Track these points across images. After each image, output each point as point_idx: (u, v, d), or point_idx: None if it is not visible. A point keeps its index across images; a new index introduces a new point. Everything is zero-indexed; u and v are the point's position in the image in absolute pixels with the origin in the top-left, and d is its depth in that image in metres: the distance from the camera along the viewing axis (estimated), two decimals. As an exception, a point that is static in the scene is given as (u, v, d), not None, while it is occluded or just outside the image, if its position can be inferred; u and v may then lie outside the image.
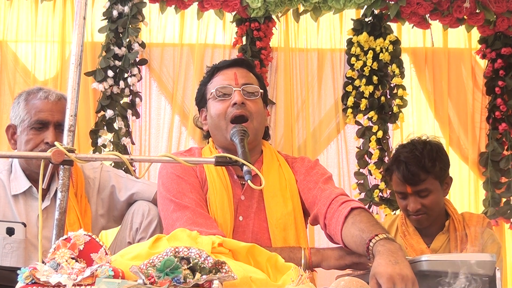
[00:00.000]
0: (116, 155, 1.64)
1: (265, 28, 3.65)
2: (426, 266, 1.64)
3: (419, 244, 2.39)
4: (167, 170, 2.10)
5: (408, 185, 2.39)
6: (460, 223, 2.45)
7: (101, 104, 3.51)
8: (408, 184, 2.39)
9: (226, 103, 2.08)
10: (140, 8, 3.56)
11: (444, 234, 2.45)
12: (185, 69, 3.70)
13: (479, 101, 3.80)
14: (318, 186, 2.05)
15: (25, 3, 3.71)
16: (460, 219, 2.46)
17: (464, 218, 2.48)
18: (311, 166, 2.16)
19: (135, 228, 2.20)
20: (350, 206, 1.87)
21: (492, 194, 3.62)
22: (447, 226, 2.45)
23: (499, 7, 3.58)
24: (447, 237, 2.44)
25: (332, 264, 1.98)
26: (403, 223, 2.46)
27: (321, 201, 1.99)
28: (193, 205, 1.99)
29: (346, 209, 1.86)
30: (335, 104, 3.74)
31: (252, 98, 2.10)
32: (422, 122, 3.84)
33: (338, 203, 1.92)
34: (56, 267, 1.31)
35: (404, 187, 2.40)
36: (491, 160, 3.65)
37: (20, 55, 3.72)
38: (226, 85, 2.10)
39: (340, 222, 1.86)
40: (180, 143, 3.65)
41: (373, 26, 3.67)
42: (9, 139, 2.23)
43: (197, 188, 2.05)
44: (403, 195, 2.42)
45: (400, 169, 2.39)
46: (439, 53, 3.83)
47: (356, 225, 1.80)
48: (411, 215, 2.42)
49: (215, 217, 2.00)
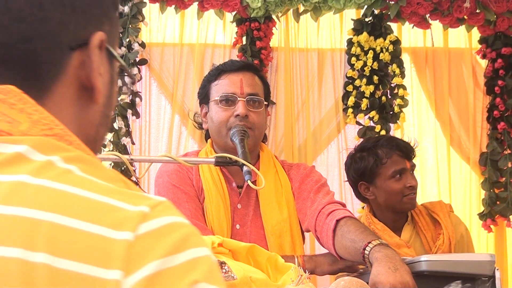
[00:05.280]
0: (116, 155, 1.64)
1: (265, 28, 3.65)
2: (425, 267, 1.64)
3: (392, 238, 2.40)
4: (163, 179, 2.10)
5: (407, 160, 2.42)
6: (422, 211, 2.49)
7: (101, 104, 3.51)
8: (407, 158, 2.43)
9: (229, 111, 2.07)
10: (140, 8, 3.55)
11: (409, 225, 2.48)
12: (185, 69, 3.70)
13: (480, 100, 3.80)
14: (309, 197, 2.06)
15: (25, 3, 3.71)
16: (420, 208, 2.51)
17: (426, 206, 2.53)
18: (306, 173, 2.15)
19: None
20: (335, 218, 1.87)
21: (490, 194, 3.62)
22: (410, 216, 2.48)
23: (499, 7, 3.58)
24: (413, 227, 2.47)
25: (325, 270, 1.99)
26: (370, 222, 2.46)
27: (309, 214, 2.00)
28: (189, 216, 1.98)
29: (332, 222, 1.87)
30: (336, 104, 3.74)
31: (255, 110, 2.09)
32: (423, 121, 3.83)
33: (324, 216, 1.93)
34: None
35: (404, 163, 2.41)
36: (491, 160, 3.65)
37: (20, 55, 3.72)
38: (231, 93, 2.08)
39: (330, 237, 1.87)
40: (180, 143, 3.64)
41: (373, 26, 3.66)
42: None
43: (193, 197, 2.05)
44: (401, 172, 2.41)
45: (398, 145, 2.43)
46: (439, 53, 3.83)
47: (346, 236, 1.81)
48: (408, 194, 2.41)
49: (211, 226, 2.00)
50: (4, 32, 0.64)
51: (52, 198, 0.56)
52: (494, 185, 3.63)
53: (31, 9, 0.64)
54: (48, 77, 0.66)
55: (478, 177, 3.73)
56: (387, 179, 2.41)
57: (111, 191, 0.58)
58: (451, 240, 2.40)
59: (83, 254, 0.54)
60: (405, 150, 2.43)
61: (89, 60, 0.68)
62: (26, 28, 0.64)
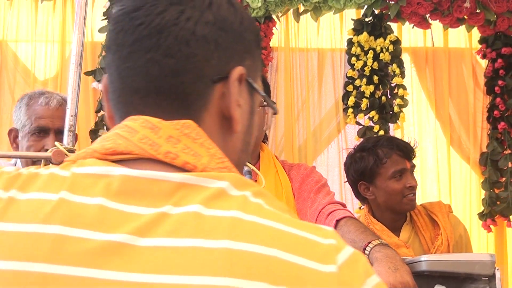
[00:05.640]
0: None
1: (265, 28, 3.65)
2: (425, 267, 1.65)
3: (391, 238, 2.40)
4: None
5: (407, 160, 2.41)
6: (421, 212, 2.49)
7: (101, 104, 3.51)
8: (407, 158, 2.41)
9: None
10: (140, 8, 3.55)
11: (408, 225, 2.47)
12: (185, 69, 3.70)
13: (480, 100, 3.80)
14: (310, 197, 2.06)
15: (25, 3, 3.71)
16: (419, 208, 2.50)
17: (425, 207, 2.52)
18: (307, 174, 2.15)
19: None
20: (335, 218, 1.87)
21: (490, 194, 3.62)
22: (409, 216, 2.48)
23: (500, 7, 3.58)
24: (411, 227, 2.47)
25: None
26: (369, 222, 2.46)
27: (309, 214, 2.00)
28: None
29: (332, 223, 1.87)
30: (336, 104, 3.74)
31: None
32: (423, 121, 3.84)
33: (324, 216, 1.93)
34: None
35: (404, 163, 2.40)
36: (491, 160, 3.65)
37: (20, 55, 3.72)
38: None
39: None
40: (180, 143, 3.65)
41: (374, 26, 3.67)
42: (11, 143, 2.22)
43: None
44: (401, 172, 2.40)
45: (398, 145, 2.41)
46: (439, 52, 3.83)
47: (346, 236, 1.81)
48: (408, 195, 2.41)
49: None
50: (157, 66, 0.70)
51: (267, 234, 0.62)
52: (494, 185, 3.63)
53: (179, 46, 0.70)
54: (197, 107, 0.72)
55: (478, 177, 3.73)
56: (387, 179, 2.40)
57: (296, 223, 0.64)
58: (450, 241, 2.40)
59: (300, 286, 0.60)
60: (405, 150, 2.43)
61: (228, 92, 0.73)
62: (174, 63, 0.70)
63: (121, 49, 0.72)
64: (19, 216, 0.64)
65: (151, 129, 0.68)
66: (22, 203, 0.65)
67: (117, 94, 0.73)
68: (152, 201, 0.63)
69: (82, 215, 0.62)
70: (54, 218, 0.62)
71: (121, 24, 0.72)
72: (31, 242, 0.61)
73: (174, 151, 0.67)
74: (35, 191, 0.66)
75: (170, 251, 0.60)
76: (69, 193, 0.64)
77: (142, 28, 0.71)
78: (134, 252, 0.60)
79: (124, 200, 0.63)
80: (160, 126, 0.68)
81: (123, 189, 0.64)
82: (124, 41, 0.72)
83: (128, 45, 0.71)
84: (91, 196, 0.64)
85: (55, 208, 0.63)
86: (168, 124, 0.69)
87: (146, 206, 0.63)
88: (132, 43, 0.71)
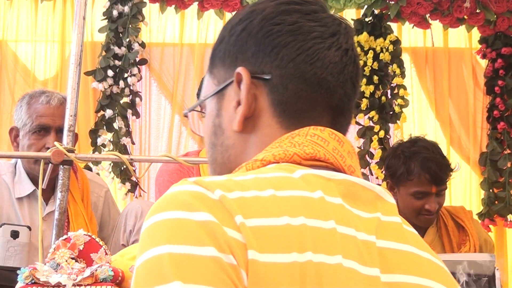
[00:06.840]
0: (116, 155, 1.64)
1: (265, 28, 3.65)
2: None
3: None
4: (164, 178, 2.10)
5: (435, 185, 2.36)
6: (446, 216, 2.47)
7: (100, 104, 3.51)
8: (435, 184, 2.35)
9: None
10: (140, 8, 3.55)
11: (433, 228, 2.46)
12: (185, 69, 3.70)
13: (480, 100, 3.80)
14: None
15: (25, 3, 3.71)
16: (444, 212, 2.48)
17: (449, 211, 2.51)
18: None
19: (128, 230, 2.18)
20: None
21: (488, 193, 3.62)
22: (436, 219, 2.46)
23: (499, 7, 3.58)
24: (436, 231, 2.46)
25: None
26: None
27: None
28: None
29: None
30: (336, 104, 3.73)
31: None
32: (423, 121, 3.83)
33: None
34: (56, 267, 1.31)
35: (430, 187, 2.35)
36: (490, 160, 3.65)
37: (20, 54, 3.72)
38: None
39: None
40: (180, 143, 3.65)
41: (374, 26, 3.66)
42: (12, 142, 2.22)
43: None
44: (423, 195, 2.36)
45: (430, 169, 2.34)
46: (439, 52, 3.83)
47: None
48: (424, 214, 2.38)
49: None
50: (355, 90, 0.81)
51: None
52: (494, 185, 3.63)
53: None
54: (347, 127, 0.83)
55: (478, 177, 3.73)
56: (408, 194, 2.38)
57: None
58: (476, 247, 2.38)
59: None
60: (435, 177, 2.34)
61: None
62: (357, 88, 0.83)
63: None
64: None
65: (338, 142, 0.76)
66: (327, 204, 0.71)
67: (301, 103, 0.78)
68: (364, 206, 0.71)
69: (348, 217, 0.70)
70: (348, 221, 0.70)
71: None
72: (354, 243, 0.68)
73: (353, 165, 0.76)
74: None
75: (403, 254, 0.71)
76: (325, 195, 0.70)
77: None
78: (378, 251, 0.68)
79: (349, 202, 0.70)
80: (344, 141, 0.77)
81: (346, 192, 0.71)
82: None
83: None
84: (334, 197, 0.70)
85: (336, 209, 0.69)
86: (348, 140, 0.78)
87: (362, 210, 0.71)
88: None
